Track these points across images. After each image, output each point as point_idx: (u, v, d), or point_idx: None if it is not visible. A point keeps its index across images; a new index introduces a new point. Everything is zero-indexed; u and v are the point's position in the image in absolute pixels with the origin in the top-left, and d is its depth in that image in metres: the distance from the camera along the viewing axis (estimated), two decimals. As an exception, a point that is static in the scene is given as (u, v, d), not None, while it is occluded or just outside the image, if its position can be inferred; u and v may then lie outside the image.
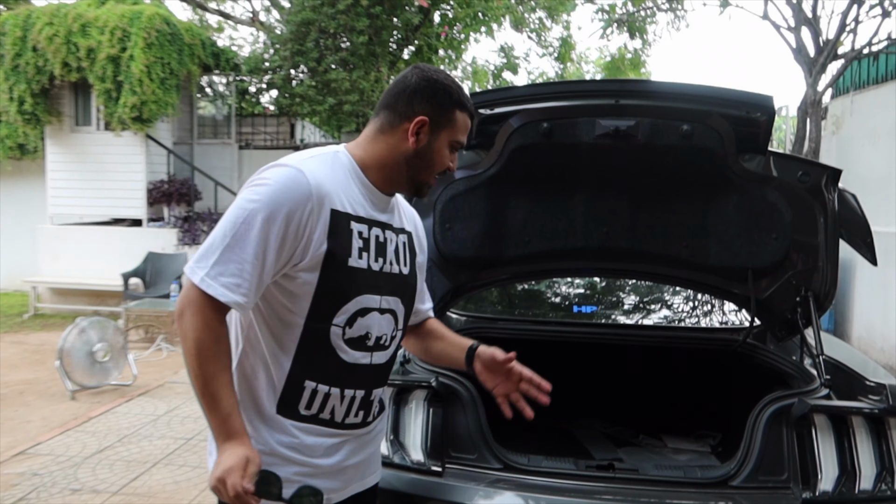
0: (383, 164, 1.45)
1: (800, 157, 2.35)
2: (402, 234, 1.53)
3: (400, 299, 1.51)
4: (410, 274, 1.55)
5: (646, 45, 14.35)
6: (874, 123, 7.44)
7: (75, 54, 7.82)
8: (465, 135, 1.49)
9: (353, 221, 1.40)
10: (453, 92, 1.44)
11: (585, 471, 2.01)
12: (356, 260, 1.40)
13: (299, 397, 1.41)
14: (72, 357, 5.26)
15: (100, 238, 8.56)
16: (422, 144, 1.43)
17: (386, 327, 1.49)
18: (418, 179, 1.47)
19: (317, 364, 1.42)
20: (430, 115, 1.42)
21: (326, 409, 1.44)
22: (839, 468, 1.90)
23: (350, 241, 1.39)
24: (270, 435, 1.42)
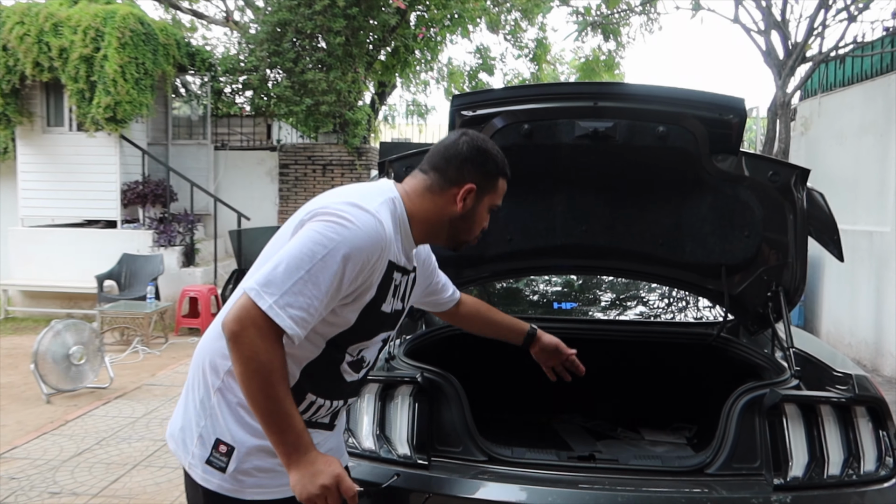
0: (428, 221, 1.56)
1: (770, 158, 2.44)
2: (413, 273, 1.63)
3: (393, 330, 1.66)
4: (405, 308, 1.68)
5: (619, 48, 14.56)
6: (841, 124, 7.66)
7: (47, 54, 7.71)
8: (501, 199, 1.63)
9: (396, 271, 1.52)
10: (500, 161, 1.58)
11: (567, 461, 2.07)
12: (388, 306, 1.54)
13: (299, 405, 1.47)
14: (47, 360, 5.20)
15: (73, 240, 8.44)
16: (467, 208, 1.55)
17: (377, 352, 1.65)
18: (459, 238, 1.60)
19: (321, 380, 1.52)
20: (478, 182, 1.55)
21: (308, 413, 1.54)
22: (809, 455, 1.98)
23: (388, 289, 1.52)
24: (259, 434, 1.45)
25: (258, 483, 1.49)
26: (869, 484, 1.96)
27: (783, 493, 1.89)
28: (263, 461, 1.48)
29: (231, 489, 1.48)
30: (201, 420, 1.50)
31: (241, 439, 1.47)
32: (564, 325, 2.87)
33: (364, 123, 10.16)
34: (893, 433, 2.06)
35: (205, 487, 1.49)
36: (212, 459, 1.48)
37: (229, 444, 1.47)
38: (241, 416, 1.47)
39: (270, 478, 1.49)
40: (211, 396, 1.50)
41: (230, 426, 1.48)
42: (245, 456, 1.47)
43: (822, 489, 1.92)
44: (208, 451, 1.49)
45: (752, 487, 1.94)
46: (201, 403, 1.51)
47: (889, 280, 6.48)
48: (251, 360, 1.33)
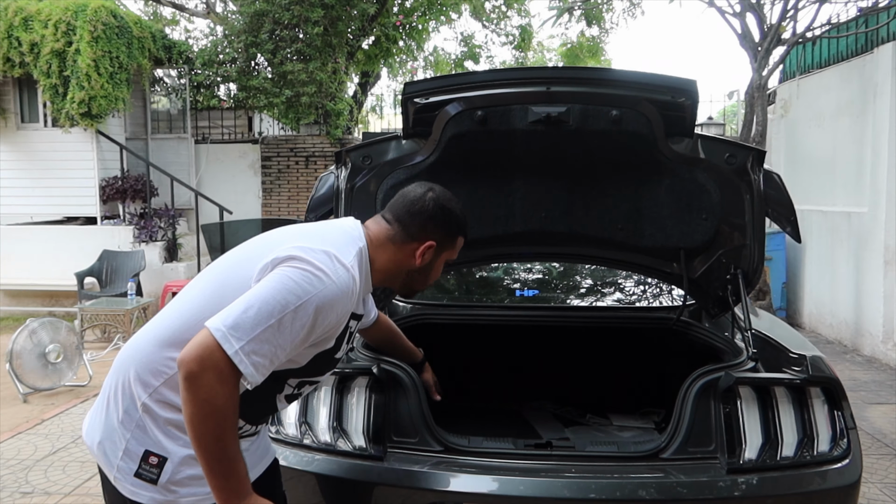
0: (388, 271, 1.60)
1: (726, 140, 2.42)
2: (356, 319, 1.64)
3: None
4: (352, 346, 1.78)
5: (603, 33, 14.52)
6: (819, 106, 7.67)
7: (18, 49, 7.62)
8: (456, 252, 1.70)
9: (353, 320, 1.57)
10: (461, 221, 1.65)
11: (523, 449, 2.07)
12: (340, 352, 1.59)
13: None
14: (22, 359, 5.16)
15: (52, 237, 8.37)
16: (425, 263, 1.60)
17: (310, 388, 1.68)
18: (413, 287, 1.68)
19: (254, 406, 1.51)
20: (438, 240, 1.60)
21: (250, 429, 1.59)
22: (763, 437, 1.98)
23: (344, 337, 1.56)
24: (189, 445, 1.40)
25: (192, 492, 1.44)
26: (823, 464, 1.96)
27: (737, 475, 1.89)
28: (196, 469, 1.41)
29: (164, 500, 1.44)
30: (126, 433, 1.44)
31: (172, 450, 1.43)
32: (528, 314, 2.86)
33: (346, 114, 10.10)
34: (849, 414, 2.07)
35: (134, 501, 1.44)
36: (141, 472, 1.43)
37: (160, 455, 1.43)
38: (170, 432, 1.43)
39: (203, 485, 1.40)
40: (137, 410, 1.44)
41: (160, 439, 1.43)
42: (178, 466, 1.43)
43: (776, 470, 1.92)
44: (136, 464, 1.43)
45: (706, 471, 1.94)
46: (125, 416, 1.45)
47: (867, 260, 6.51)
48: (206, 404, 1.28)
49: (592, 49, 15.33)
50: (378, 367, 2.09)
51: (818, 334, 7.43)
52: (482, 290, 3.41)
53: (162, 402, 1.43)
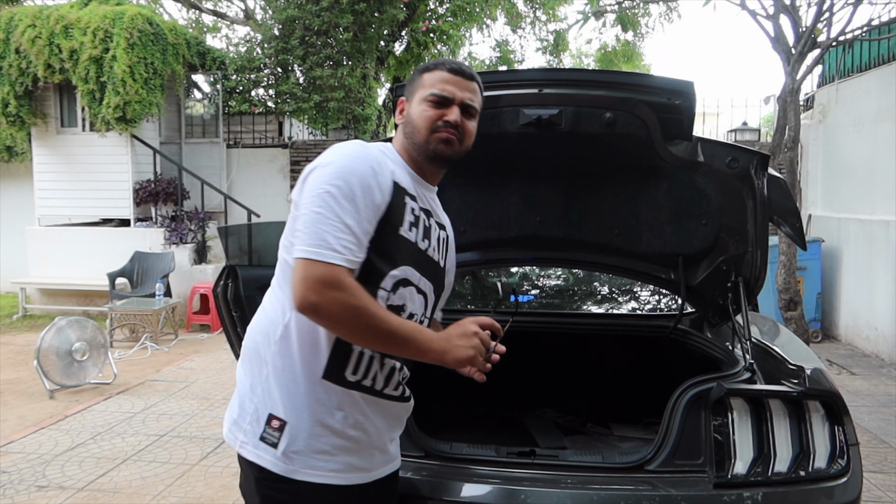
0: (403, 149, 1.62)
1: (728, 143, 2.34)
2: (443, 230, 1.65)
3: (433, 287, 1.60)
4: (446, 270, 1.66)
5: (638, 38, 14.33)
6: (858, 111, 7.42)
7: (58, 56, 7.87)
8: (443, 85, 1.57)
9: (408, 197, 1.53)
10: (424, 64, 1.64)
11: (506, 457, 2.02)
12: (406, 231, 1.51)
13: (347, 361, 1.47)
14: (49, 356, 5.31)
15: (88, 238, 8.62)
16: (406, 117, 1.61)
17: (418, 307, 1.56)
18: (418, 143, 1.58)
19: None
20: (406, 93, 1.64)
21: (369, 376, 1.50)
22: (756, 451, 1.90)
23: (404, 212, 1.51)
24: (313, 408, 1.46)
25: (311, 464, 1.45)
26: (819, 481, 1.87)
27: (723, 490, 1.82)
28: (318, 441, 1.45)
29: (284, 468, 1.45)
30: (255, 397, 1.50)
31: (293, 415, 1.46)
32: (527, 319, 2.81)
33: (374, 119, 10.17)
34: (850, 429, 1.97)
35: (257, 464, 1.47)
36: (265, 435, 1.46)
37: (282, 419, 1.46)
38: (291, 390, 1.46)
39: (325, 460, 1.46)
40: (262, 371, 1.50)
41: (283, 400, 1.46)
42: (298, 433, 1.45)
43: (767, 486, 1.84)
44: (261, 427, 1.47)
45: (693, 484, 1.87)
46: (255, 380, 1.51)
47: (906, 271, 6.26)
48: (348, 315, 1.36)
49: (628, 54, 15.15)
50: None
51: (854, 347, 7.16)
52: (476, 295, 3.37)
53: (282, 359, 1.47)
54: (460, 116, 1.58)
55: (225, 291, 2.22)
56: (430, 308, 1.62)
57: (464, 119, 1.59)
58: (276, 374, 1.48)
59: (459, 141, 1.58)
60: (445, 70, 1.59)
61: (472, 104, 1.60)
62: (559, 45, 15.23)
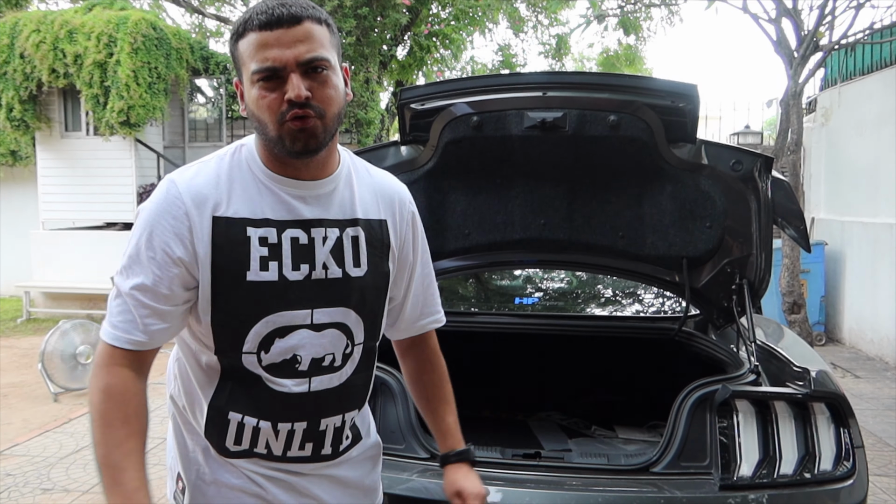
0: (263, 148, 1.20)
1: (732, 146, 2.35)
2: (351, 227, 1.24)
3: (351, 308, 1.24)
4: (370, 273, 1.26)
5: (640, 41, 14.35)
6: (861, 114, 7.42)
7: (62, 60, 7.90)
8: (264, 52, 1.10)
9: (251, 227, 1.16)
10: (234, 26, 1.16)
11: (511, 459, 2.03)
12: (257, 273, 1.16)
13: (224, 431, 1.22)
14: (53, 360, 5.32)
15: (92, 242, 8.64)
16: (247, 107, 1.17)
17: (330, 345, 1.22)
18: (272, 140, 1.14)
19: (238, 395, 1.22)
20: (237, 73, 1.19)
21: (260, 444, 1.23)
22: (761, 453, 1.90)
23: (248, 251, 1.16)
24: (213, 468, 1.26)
25: None
26: (824, 483, 1.87)
27: (729, 493, 1.82)
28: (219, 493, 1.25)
29: None
30: (169, 452, 1.35)
31: (190, 476, 1.27)
32: (531, 322, 2.82)
33: (377, 123, 10.19)
34: (856, 431, 1.97)
35: None
36: (175, 496, 1.31)
37: (183, 481, 1.28)
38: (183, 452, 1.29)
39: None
40: (169, 423, 1.34)
41: (181, 460, 1.29)
42: (198, 497, 1.26)
43: (773, 488, 1.84)
44: (174, 485, 1.32)
45: (699, 487, 1.87)
46: (168, 433, 1.36)
47: (910, 274, 6.25)
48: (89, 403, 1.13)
49: (630, 57, 15.17)
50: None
51: (858, 350, 7.15)
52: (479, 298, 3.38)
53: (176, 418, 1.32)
54: (304, 84, 1.10)
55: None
56: (364, 331, 1.27)
57: (312, 83, 1.12)
58: (174, 430, 1.31)
59: (320, 115, 1.13)
60: (257, 29, 1.11)
61: (313, 56, 1.11)
62: (561, 48, 15.25)
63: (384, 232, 1.30)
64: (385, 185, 1.36)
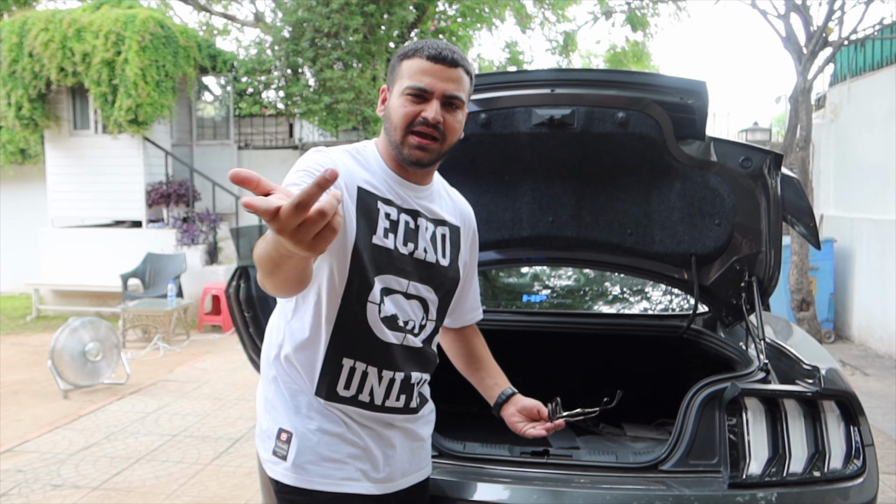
0: (385, 146, 1.49)
1: (741, 143, 2.33)
2: (442, 226, 1.54)
3: (433, 289, 1.52)
4: (451, 266, 1.56)
5: (647, 38, 14.30)
6: (870, 110, 7.37)
7: (71, 59, 7.94)
8: (421, 77, 1.40)
9: (381, 202, 1.44)
10: (404, 48, 1.46)
11: (519, 457, 2.02)
12: (381, 238, 1.43)
13: (338, 376, 1.44)
14: (63, 357, 5.35)
15: (100, 240, 8.69)
16: (386, 111, 1.47)
17: (412, 313, 1.50)
18: (394, 142, 1.44)
19: (352, 341, 1.44)
20: (388, 82, 1.48)
21: (365, 390, 1.46)
22: (771, 451, 1.89)
23: (377, 219, 1.42)
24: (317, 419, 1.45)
25: (324, 474, 1.44)
26: (834, 482, 1.86)
27: (738, 491, 1.81)
28: (327, 449, 1.44)
29: (297, 478, 1.44)
30: (267, 414, 1.52)
31: (299, 426, 1.46)
32: (539, 320, 2.81)
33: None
34: (866, 429, 1.96)
35: (272, 478, 1.48)
36: (276, 449, 1.48)
37: (289, 431, 1.46)
38: (293, 404, 1.47)
39: (337, 468, 1.44)
40: (269, 388, 1.51)
41: (288, 413, 1.47)
42: (305, 443, 1.45)
43: (782, 486, 1.83)
44: (273, 442, 1.48)
45: (707, 484, 1.86)
46: (265, 399, 1.53)
47: (919, 271, 6.21)
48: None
49: (637, 54, 15.12)
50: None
51: (868, 347, 7.11)
52: (491, 296, 3.37)
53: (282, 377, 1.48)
54: (441, 111, 1.41)
55: (237, 292, 2.23)
56: (436, 310, 1.56)
57: (445, 114, 1.42)
58: (278, 391, 1.50)
59: (441, 140, 1.43)
60: (424, 57, 1.40)
61: (455, 94, 1.42)
62: (568, 45, 15.20)
63: (458, 237, 1.61)
64: (460, 201, 1.68)
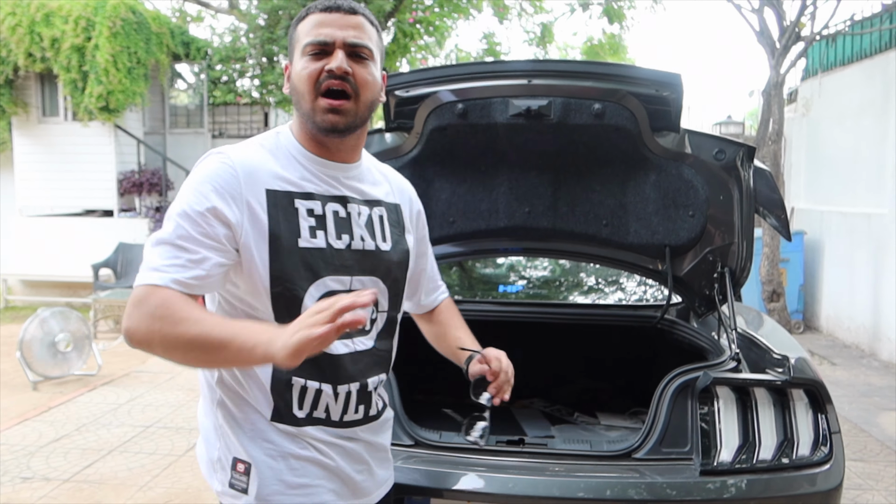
0: (300, 128, 1.33)
1: (715, 135, 2.37)
2: (377, 207, 1.39)
3: (379, 278, 1.38)
4: (395, 249, 1.40)
5: (624, 30, 14.37)
6: (841, 105, 7.50)
7: (39, 44, 7.76)
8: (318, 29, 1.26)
9: (299, 199, 1.29)
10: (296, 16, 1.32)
11: (495, 446, 2.04)
12: (308, 239, 1.28)
13: (291, 398, 1.30)
14: (32, 348, 5.26)
15: (71, 229, 8.53)
16: (290, 84, 1.31)
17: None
18: (305, 112, 1.27)
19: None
20: (288, 55, 1.34)
21: (321, 408, 1.32)
22: (741, 438, 1.93)
23: (297, 220, 1.27)
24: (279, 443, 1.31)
25: (293, 502, 1.30)
26: (802, 468, 1.90)
27: (709, 478, 1.84)
28: (292, 475, 1.30)
29: None
30: (220, 441, 1.34)
31: (257, 454, 1.29)
32: (516, 310, 2.83)
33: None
34: (833, 417, 2.00)
35: None
36: (233, 482, 1.32)
37: (246, 462, 1.30)
38: (246, 430, 1.31)
39: (306, 494, 1.30)
40: (217, 414, 1.34)
41: (242, 441, 1.31)
42: (266, 472, 1.29)
43: (752, 473, 1.87)
44: (228, 474, 1.32)
45: (680, 472, 1.89)
46: (214, 424, 1.36)
47: (887, 264, 6.35)
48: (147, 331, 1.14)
49: (614, 46, 15.20)
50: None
51: (836, 338, 7.27)
52: (463, 286, 3.38)
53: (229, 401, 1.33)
54: (347, 61, 1.25)
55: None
56: (387, 300, 1.41)
57: (354, 64, 1.26)
58: (227, 416, 1.33)
59: (354, 97, 1.27)
60: (318, 11, 1.27)
61: (359, 42, 1.26)
62: (546, 37, 15.22)
63: (400, 215, 1.46)
64: (396, 177, 1.53)
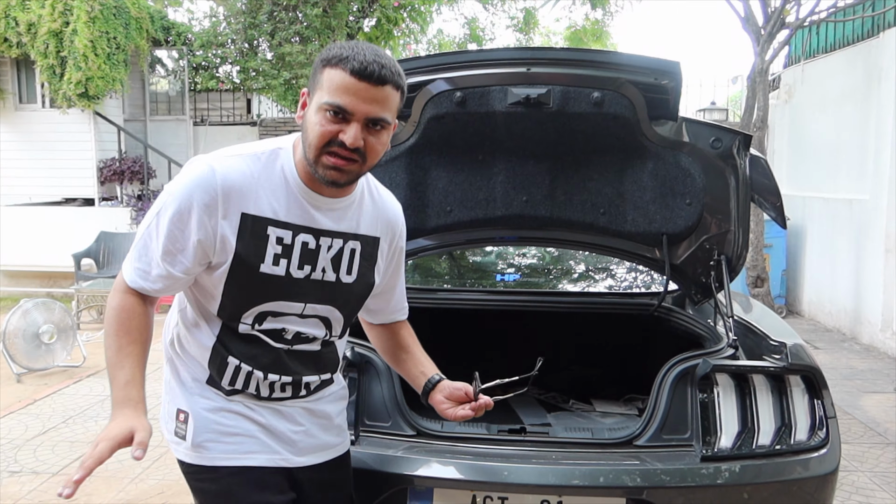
0: (299, 156, 1.35)
1: (712, 123, 2.37)
2: (352, 241, 1.45)
3: (336, 308, 1.48)
4: (358, 281, 1.49)
5: (607, 16, 14.36)
6: (823, 91, 7.57)
7: (15, 29, 7.58)
8: (342, 94, 1.24)
9: (274, 227, 1.35)
10: (328, 51, 1.28)
11: (497, 435, 2.04)
12: (269, 266, 1.37)
13: (223, 372, 1.45)
14: (16, 340, 5.17)
15: (51, 218, 8.38)
16: (303, 120, 1.32)
17: (309, 330, 1.48)
18: (309, 159, 1.30)
19: (236, 343, 1.44)
20: (309, 85, 1.32)
21: (251, 387, 1.46)
22: (740, 425, 1.95)
23: (265, 246, 1.35)
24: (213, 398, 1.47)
25: (224, 449, 1.44)
26: (800, 453, 1.93)
27: (710, 464, 1.86)
28: (224, 425, 1.45)
29: (197, 457, 1.45)
30: (166, 395, 1.53)
31: (193, 405, 1.46)
32: (511, 299, 2.83)
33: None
34: (829, 402, 2.04)
35: (178, 458, 1.49)
36: (176, 430, 1.48)
37: (185, 412, 1.47)
38: (187, 385, 1.48)
39: (238, 442, 1.45)
40: (167, 368, 1.52)
41: (183, 393, 1.48)
42: (201, 421, 1.45)
43: (752, 459, 1.89)
44: (173, 423, 1.49)
45: (681, 458, 1.91)
46: (165, 380, 1.54)
47: (867, 248, 6.45)
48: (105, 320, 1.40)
49: (597, 33, 15.18)
50: (351, 351, 2.07)
51: (817, 322, 7.38)
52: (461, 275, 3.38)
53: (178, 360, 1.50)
54: (361, 134, 1.27)
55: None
56: (341, 326, 1.53)
57: (368, 135, 1.28)
58: (174, 372, 1.51)
59: (360, 162, 1.31)
60: (348, 71, 1.23)
61: (380, 117, 1.27)
62: (529, 22, 15.17)
63: (376, 248, 1.53)
64: (387, 209, 1.56)
